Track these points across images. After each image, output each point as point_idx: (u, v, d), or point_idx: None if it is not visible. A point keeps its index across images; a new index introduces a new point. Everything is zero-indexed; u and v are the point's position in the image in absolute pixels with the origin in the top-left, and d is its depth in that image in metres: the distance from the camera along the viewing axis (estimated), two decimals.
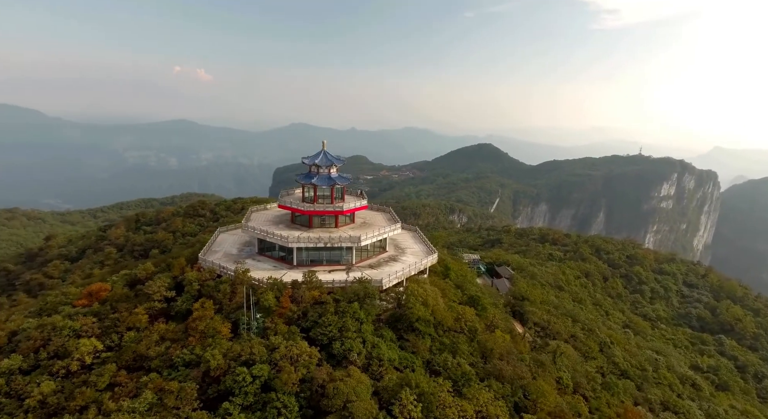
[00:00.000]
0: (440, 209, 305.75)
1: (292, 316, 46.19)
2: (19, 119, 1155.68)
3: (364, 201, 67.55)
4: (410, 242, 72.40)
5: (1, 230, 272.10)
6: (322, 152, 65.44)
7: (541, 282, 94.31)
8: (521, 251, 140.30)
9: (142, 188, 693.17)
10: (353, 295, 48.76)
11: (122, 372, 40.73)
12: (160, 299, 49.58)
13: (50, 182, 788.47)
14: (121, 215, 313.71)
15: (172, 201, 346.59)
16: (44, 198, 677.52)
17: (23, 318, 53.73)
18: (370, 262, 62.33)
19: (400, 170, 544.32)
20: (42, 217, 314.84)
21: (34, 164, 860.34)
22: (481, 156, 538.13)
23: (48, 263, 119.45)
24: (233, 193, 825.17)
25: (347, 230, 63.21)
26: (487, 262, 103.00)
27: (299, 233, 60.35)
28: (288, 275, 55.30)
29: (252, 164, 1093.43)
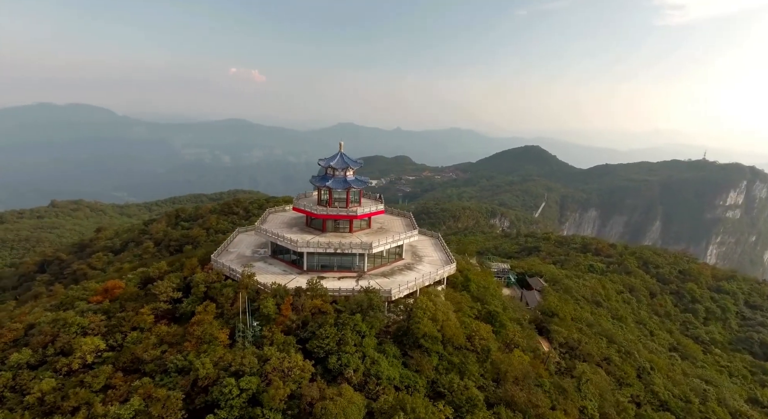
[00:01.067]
0: (481, 213, 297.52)
1: (291, 325, 44.59)
2: (92, 117, 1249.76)
3: (381, 206, 65.16)
4: (429, 250, 69.17)
5: (66, 220, 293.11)
6: (338, 153, 63.67)
7: (576, 297, 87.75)
8: (559, 261, 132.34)
9: (197, 183, 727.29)
10: (356, 306, 46.51)
11: (119, 373, 40.64)
12: (166, 300, 49.65)
13: (117, 176, 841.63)
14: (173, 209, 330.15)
15: (219, 197, 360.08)
16: (112, 191, 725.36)
17: (43, 311, 55.81)
18: (384, 270, 59.84)
19: (443, 171, 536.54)
20: (103, 209, 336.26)
21: (104, 158, 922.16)
22: (528, 158, 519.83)
23: (94, 254, 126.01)
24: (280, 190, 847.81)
25: (361, 236, 61.07)
26: (518, 272, 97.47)
27: (310, 237, 58.88)
28: (296, 280, 53.95)
29: (299, 162, 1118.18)
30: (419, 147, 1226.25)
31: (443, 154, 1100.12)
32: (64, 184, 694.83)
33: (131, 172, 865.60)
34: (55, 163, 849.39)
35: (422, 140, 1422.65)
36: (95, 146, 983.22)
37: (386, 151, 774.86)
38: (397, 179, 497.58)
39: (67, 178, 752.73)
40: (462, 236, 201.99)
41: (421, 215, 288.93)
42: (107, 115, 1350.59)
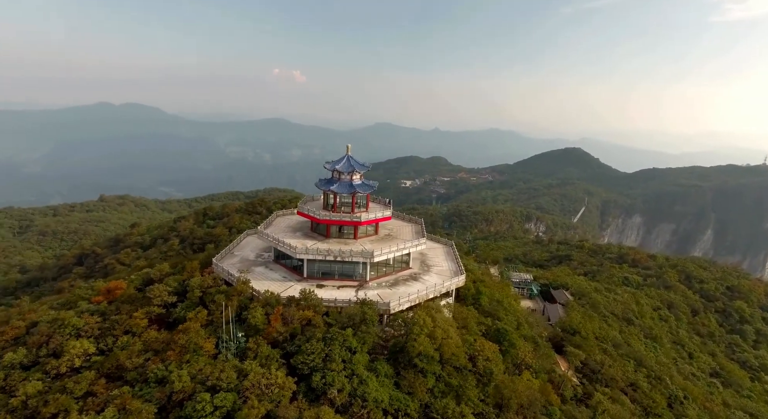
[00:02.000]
0: (515, 216, 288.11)
1: (278, 338, 42.60)
2: (144, 116, 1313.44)
3: (388, 212, 62.29)
4: (440, 259, 65.68)
5: (112, 215, 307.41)
6: (345, 156, 61.45)
7: (604, 313, 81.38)
8: (591, 272, 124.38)
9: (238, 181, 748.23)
10: (348, 319, 43.98)
11: (102, 380, 39.91)
12: (160, 304, 48.98)
13: (165, 172, 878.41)
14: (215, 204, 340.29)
15: (255, 195, 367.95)
16: (159, 186, 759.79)
17: (47, 309, 56.76)
18: (388, 279, 57.04)
19: (478, 172, 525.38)
20: (146, 204, 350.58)
21: (154, 155, 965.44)
22: (568, 161, 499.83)
23: (126, 249, 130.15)
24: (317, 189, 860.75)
25: (365, 243, 58.50)
26: (541, 283, 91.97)
27: (312, 243, 56.90)
28: (294, 288, 52.12)
29: None
30: (457, 148, 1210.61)
31: (482, 155, 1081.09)
32: (117, 179, 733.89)
33: (178, 169, 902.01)
34: (111, 159, 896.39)
35: (460, 141, 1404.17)
36: (146, 144, 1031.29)
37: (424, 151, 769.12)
38: (431, 180, 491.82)
39: (121, 173, 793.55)
40: (492, 241, 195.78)
41: (453, 217, 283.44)
42: (158, 114, 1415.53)
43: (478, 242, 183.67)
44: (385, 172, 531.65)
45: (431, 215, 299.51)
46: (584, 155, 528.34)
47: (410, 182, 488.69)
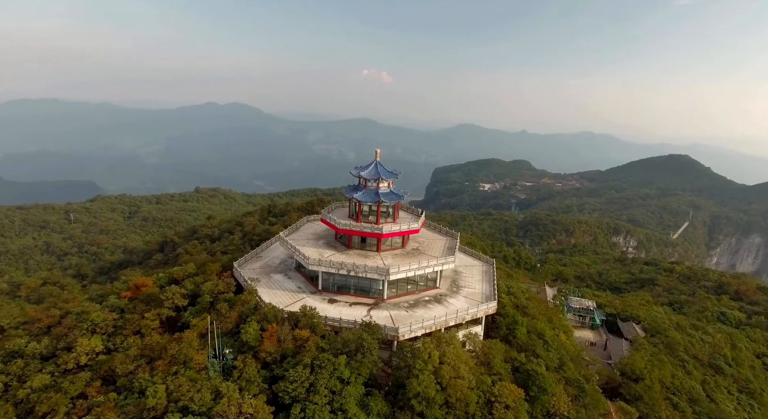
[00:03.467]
0: (601, 228, 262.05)
1: (268, 358, 39.68)
2: (245, 115, 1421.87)
3: (416, 224, 56.81)
4: (475, 279, 58.84)
5: (203, 205, 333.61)
6: (373, 163, 57.36)
7: (683, 356, 67.82)
8: (677, 302, 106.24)
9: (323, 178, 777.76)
10: (342, 345, 39.81)
11: (97, 382, 40.07)
12: (170, 306, 48.84)
13: (260, 167, 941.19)
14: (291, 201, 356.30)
15: (332, 192, 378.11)
16: (254, 179, 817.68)
17: (84, 300, 59.92)
18: (408, 299, 51.92)
19: (564, 178, 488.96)
20: (234, 197, 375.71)
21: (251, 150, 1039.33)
22: (672, 169, 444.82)
23: (194, 240, 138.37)
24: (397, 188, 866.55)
25: (387, 257, 53.91)
26: (607, 312, 79.88)
27: (330, 253, 53.64)
28: (304, 301, 49.21)
29: (418, 161, 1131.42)
30: (544, 151, 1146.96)
31: (571, 160, 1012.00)
32: (220, 171, 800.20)
33: (271, 164, 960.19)
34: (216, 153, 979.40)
35: (548, 144, 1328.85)
36: (245, 140, 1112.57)
37: (507, 154, 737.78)
38: (512, 184, 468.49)
39: (223, 166, 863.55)
40: (567, 255, 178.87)
41: (529, 225, 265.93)
42: (256, 113, 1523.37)
43: (549, 255, 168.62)
44: (463, 174, 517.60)
45: (506, 222, 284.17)
46: (692, 163, 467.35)
47: (489, 185, 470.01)
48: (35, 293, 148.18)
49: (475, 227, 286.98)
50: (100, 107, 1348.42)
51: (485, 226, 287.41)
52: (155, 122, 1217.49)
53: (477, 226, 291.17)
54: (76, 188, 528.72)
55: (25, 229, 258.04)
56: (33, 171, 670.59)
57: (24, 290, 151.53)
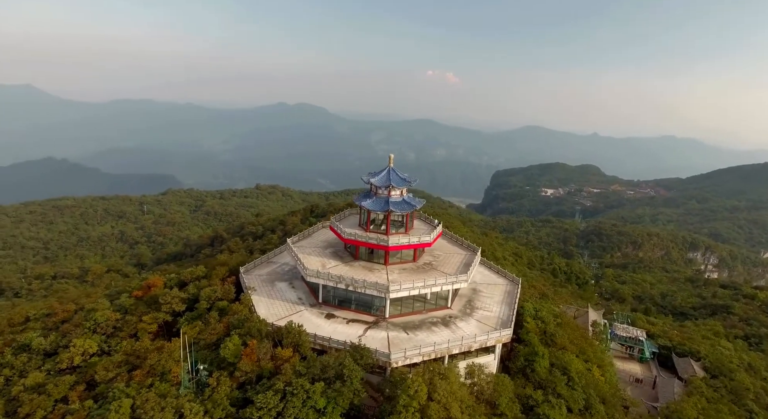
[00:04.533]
0: (675, 242, 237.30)
1: (242, 378, 37.14)
2: (312, 114, 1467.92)
3: (427, 237, 51.96)
4: (493, 300, 53.00)
5: (261, 201, 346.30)
6: (386, 168, 53.39)
7: (752, 406, 56.78)
8: (755, 337, 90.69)
9: None
10: (321, 371, 36.38)
11: (81, 386, 39.74)
12: (168, 311, 48.17)
13: (324, 165, 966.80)
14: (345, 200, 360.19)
15: None
16: (318, 177, 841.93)
17: (100, 296, 61.43)
18: (413, 319, 47.50)
19: (637, 185, 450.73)
20: (291, 194, 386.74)
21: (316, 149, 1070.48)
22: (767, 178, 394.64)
23: (235, 237, 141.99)
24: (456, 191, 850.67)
25: (393, 271, 49.85)
26: (660, 344, 69.71)
27: (332, 264, 50.52)
28: (300, 315, 46.60)
29: (480, 163, 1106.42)
30: (618, 156, 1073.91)
31: (648, 166, 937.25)
32: (287, 168, 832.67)
33: (334, 163, 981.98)
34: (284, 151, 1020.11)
35: (623, 149, 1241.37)
36: (311, 139, 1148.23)
37: (574, 158, 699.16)
38: (577, 190, 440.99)
39: (290, 164, 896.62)
40: (629, 270, 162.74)
41: (591, 235, 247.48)
42: (323, 113, 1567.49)
43: (607, 270, 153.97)
44: (525, 178, 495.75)
45: (565, 230, 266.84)
46: None
47: (552, 190, 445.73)
48: (100, 278, 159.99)
49: (532, 234, 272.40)
50: (185, 107, 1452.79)
51: (542, 234, 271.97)
52: (232, 121, 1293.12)
53: (534, 233, 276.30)
54: (158, 181, 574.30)
55: (105, 218, 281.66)
56: (126, 164, 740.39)
57: (91, 275, 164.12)
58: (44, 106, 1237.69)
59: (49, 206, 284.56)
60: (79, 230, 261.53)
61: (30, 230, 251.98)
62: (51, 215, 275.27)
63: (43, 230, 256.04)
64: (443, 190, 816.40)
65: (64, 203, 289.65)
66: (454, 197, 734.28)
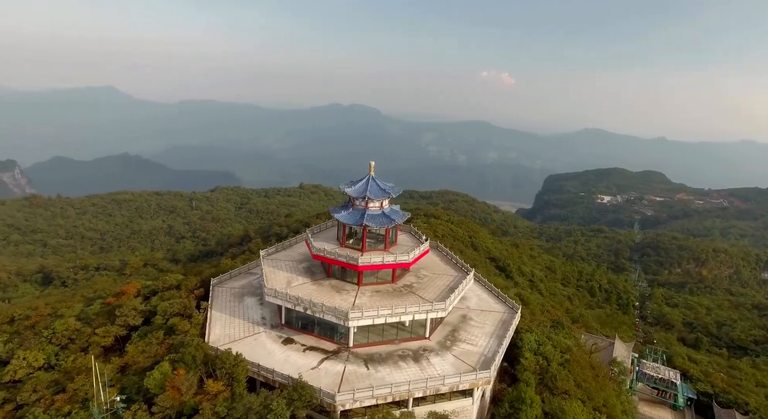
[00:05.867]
0: (748, 260, 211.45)
1: (161, 414, 32.91)
2: (364, 115, 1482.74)
3: (405, 257, 45.49)
4: (483, 332, 45.67)
5: (303, 200, 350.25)
6: (366, 178, 47.72)
7: None
8: None
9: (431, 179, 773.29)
10: (244, 412, 31.46)
11: (9, 405, 37.30)
12: (122, 324, 45.32)
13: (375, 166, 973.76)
14: None
15: (429, 195, 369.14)
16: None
17: (78, 300, 60.19)
18: (381, 350, 41.47)
19: (708, 194, 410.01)
20: (333, 194, 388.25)
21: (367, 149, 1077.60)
22: None
23: (256, 238, 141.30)
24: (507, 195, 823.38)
25: (365, 294, 44.09)
26: (700, 390, 58.63)
27: (298, 282, 45.55)
28: (255, 338, 42.07)
29: (533, 166, 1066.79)
30: (687, 162, 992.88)
31: (724, 174, 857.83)
32: (337, 168, 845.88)
33: (384, 163, 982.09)
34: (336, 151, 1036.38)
35: (693, 154, 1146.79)
36: (363, 140, 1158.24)
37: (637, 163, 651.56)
38: (638, 198, 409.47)
39: (341, 164, 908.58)
40: (685, 291, 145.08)
41: (647, 248, 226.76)
42: (375, 113, 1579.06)
43: (658, 289, 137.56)
44: (580, 184, 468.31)
45: (618, 242, 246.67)
46: None
47: (609, 198, 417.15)
48: (137, 271, 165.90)
49: (581, 245, 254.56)
50: (245, 107, 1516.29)
51: (592, 244, 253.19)
52: (288, 121, 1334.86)
53: (583, 244, 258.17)
54: (218, 177, 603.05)
55: (158, 212, 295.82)
56: (190, 161, 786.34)
57: (129, 268, 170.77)
58: (123, 106, 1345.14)
59: (109, 200, 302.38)
60: (132, 223, 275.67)
61: (90, 222, 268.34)
62: (110, 208, 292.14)
63: (101, 222, 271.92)
64: (493, 194, 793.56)
65: (123, 197, 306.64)
66: (504, 202, 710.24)
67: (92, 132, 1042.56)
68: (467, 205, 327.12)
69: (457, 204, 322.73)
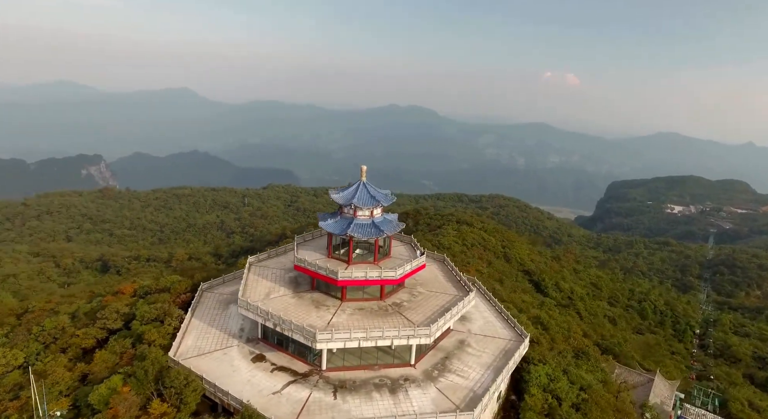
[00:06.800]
0: None
1: None
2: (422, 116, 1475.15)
3: (392, 273, 40.58)
4: (479, 362, 39.71)
5: None
6: (357, 183, 43.47)
7: None
8: None
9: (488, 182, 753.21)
10: None
11: None
12: (102, 327, 44.20)
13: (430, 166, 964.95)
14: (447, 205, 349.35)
15: (479, 200, 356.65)
16: (421, 179, 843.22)
17: (84, 293, 60.73)
18: (357, 376, 37.02)
19: None
20: None
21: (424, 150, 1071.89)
22: None
23: (285, 238, 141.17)
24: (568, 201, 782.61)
25: (345, 311, 39.87)
26: None
27: (278, 294, 42.20)
28: (226, 352, 39.15)
29: (598, 172, 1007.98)
30: None
31: None
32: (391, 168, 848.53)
33: (440, 165, 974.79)
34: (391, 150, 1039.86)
35: None
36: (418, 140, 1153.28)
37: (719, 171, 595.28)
38: (714, 209, 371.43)
39: (395, 164, 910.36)
40: (765, 320, 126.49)
41: (720, 266, 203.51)
42: (432, 115, 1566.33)
43: (726, 314, 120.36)
44: (647, 192, 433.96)
45: (687, 257, 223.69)
46: None
47: (681, 208, 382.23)
48: (182, 264, 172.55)
49: (642, 258, 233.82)
50: (306, 107, 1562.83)
51: (656, 258, 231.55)
52: (346, 121, 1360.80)
53: (645, 257, 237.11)
54: (278, 174, 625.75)
55: (213, 207, 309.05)
56: (253, 158, 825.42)
57: (175, 261, 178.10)
58: (196, 106, 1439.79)
59: (171, 194, 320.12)
60: (189, 217, 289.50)
61: (152, 214, 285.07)
62: (171, 201, 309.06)
63: (162, 215, 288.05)
64: (552, 199, 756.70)
65: (182, 191, 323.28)
66: (563, 208, 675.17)
67: (168, 130, 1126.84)
68: (518, 210, 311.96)
69: (508, 209, 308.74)
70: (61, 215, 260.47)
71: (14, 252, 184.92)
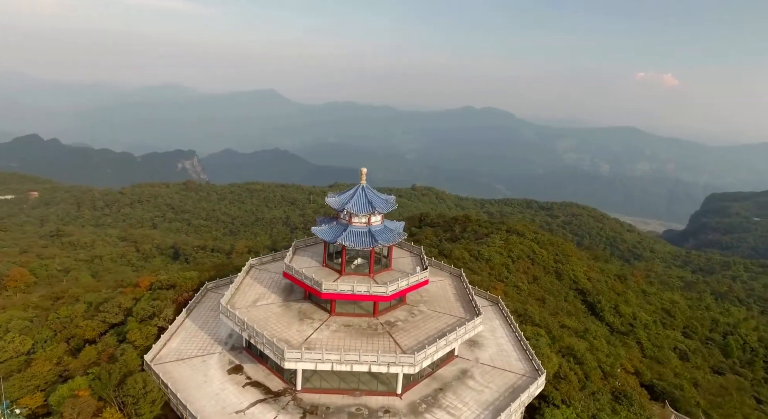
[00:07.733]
0: None
1: None
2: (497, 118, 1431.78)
3: (383, 289, 35.81)
4: (479, 399, 33.67)
5: (412, 203, 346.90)
6: (356, 188, 39.47)
7: None
8: None
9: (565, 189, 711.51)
10: None
11: None
12: (102, 320, 44.22)
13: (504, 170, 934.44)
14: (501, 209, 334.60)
15: (550, 207, 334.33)
16: (494, 183, 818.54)
17: (111, 283, 62.33)
18: (334, 402, 32.96)
19: None
20: (444, 197, 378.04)
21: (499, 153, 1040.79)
22: None
23: None
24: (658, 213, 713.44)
25: (329, 326, 35.95)
26: None
27: (264, 302, 39.31)
28: (205, 360, 37.05)
29: (696, 182, 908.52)
30: None
31: None
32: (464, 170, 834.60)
33: (515, 169, 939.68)
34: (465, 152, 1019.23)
35: None
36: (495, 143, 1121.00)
37: None
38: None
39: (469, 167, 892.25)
40: None
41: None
42: (509, 117, 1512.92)
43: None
44: (754, 206, 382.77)
45: None
46: None
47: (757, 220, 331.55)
48: (240, 256, 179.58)
49: (740, 282, 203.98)
50: (381, 108, 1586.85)
51: (758, 284, 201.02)
52: (420, 122, 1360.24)
53: (745, 281, 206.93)
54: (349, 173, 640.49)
55: (281, 203, 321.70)
56: (328, 157, 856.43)
57: (235, 253, 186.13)
58: (280, 106, 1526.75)
59: (244, 189, 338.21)
60: (258, 211, 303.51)
61: (226, 207, 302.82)
62: (244, 195, 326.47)
63: (234, 208, 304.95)
64: (639, 210, 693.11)
65: (254, 186, 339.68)
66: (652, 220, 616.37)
67: (254, 128, 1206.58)
68: (594, 221, 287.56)
69: (581, 219, 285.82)
70: (150, 204, 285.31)
71: (106, 235, 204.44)
